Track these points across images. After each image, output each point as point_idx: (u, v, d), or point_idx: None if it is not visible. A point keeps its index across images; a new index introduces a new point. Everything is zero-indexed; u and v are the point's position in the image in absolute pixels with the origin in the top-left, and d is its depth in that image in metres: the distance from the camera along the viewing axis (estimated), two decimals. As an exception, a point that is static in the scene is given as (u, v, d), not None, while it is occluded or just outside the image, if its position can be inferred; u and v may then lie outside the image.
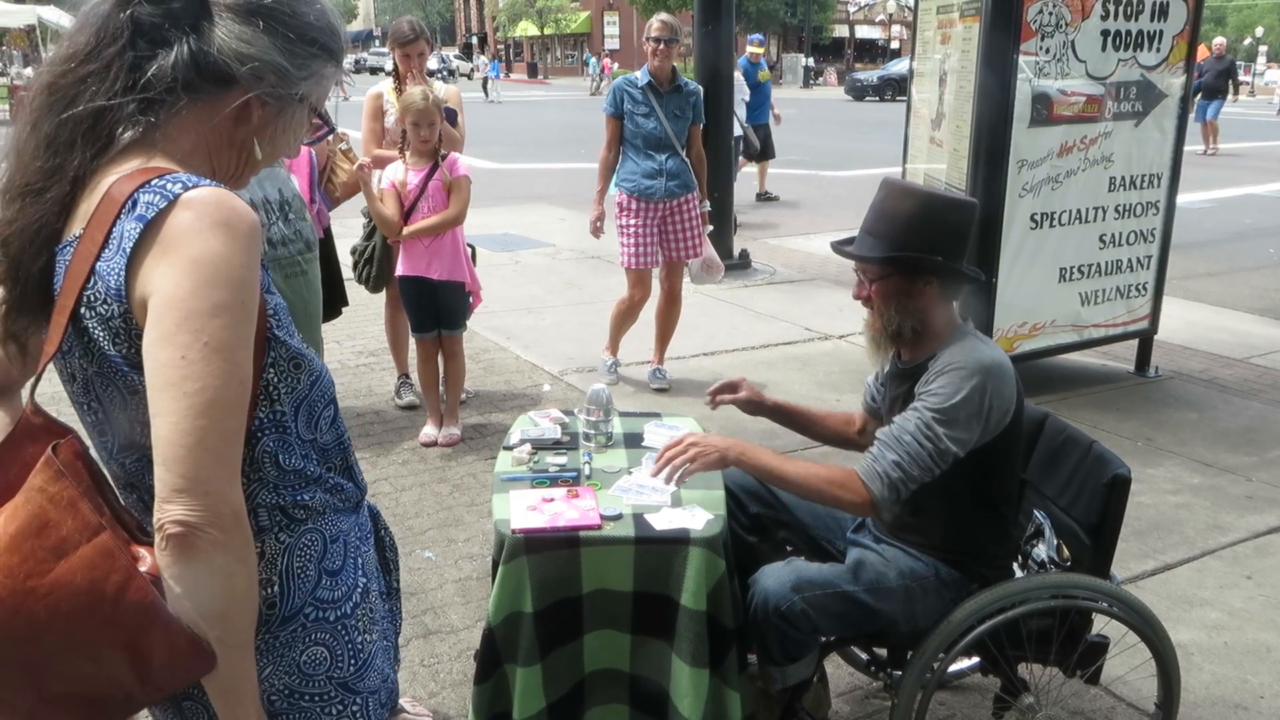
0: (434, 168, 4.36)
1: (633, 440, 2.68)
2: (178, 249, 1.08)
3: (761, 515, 2.54)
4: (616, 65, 42.40)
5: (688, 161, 5.26)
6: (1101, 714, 2.78)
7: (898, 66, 38.06)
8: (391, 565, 1.51)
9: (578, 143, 15.88)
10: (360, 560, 1.32)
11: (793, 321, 6.85)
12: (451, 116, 4.74)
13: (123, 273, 1.09)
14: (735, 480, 2.52)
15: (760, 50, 11.60)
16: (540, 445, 2.61)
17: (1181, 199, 5.75)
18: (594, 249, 8.02)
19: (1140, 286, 5.56)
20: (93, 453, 1.22)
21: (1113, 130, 5.13)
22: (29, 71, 25.96)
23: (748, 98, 10.93)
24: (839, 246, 2.37)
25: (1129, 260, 5.46)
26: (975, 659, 2.56)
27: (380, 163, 4.59)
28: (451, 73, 40.37)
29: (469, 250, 4.71)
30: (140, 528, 1.19)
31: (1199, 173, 12.92)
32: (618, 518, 2.22)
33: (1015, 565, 2.47)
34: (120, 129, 1.15)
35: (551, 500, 2.27)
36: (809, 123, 25.27)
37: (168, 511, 1.06)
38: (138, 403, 1.14)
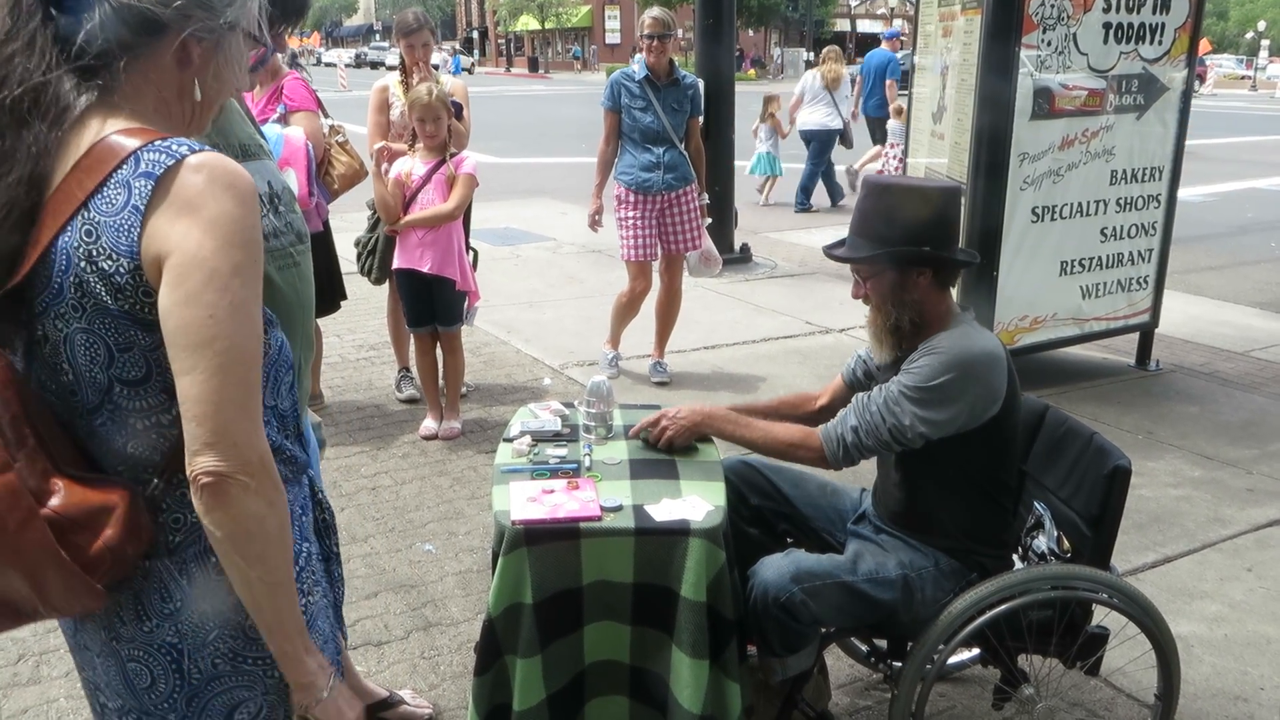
0: (440, 162, 4.36)
1: (633, 432, 2.68)
2: (195, 210, 1.10)
3: (762, 507, 2.54)
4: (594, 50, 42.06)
5: (686, 154, 5.25)
6: (1101, 705, 2.79)
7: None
8: (331, 529, 1.53)
9: (579, 137, 15.85)
10: (302, 527, 1.36)
11: (794, 315, 6.85)
12: (456, 110, 4.73)
13: (137, 229, 1.10)
14: (736, 472, 2.52)
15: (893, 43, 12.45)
16: (540, 437, 2.61)
17: (1183, 192, 5.74)
18: (595, 243, 8.01)
19: (1141, 280, 5.56)
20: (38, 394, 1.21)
21: (1114, 123, 5.13)
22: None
23: (849, 94, 11.58)
24: (830, 250, 2.41)
25: (1130, 254, 5.46)
26: (975, 650, 2.56)
27: (389, 155, 4.59)
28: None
29: (472, 253, 4.70)
30: (77, 460, 1.19)
31: (1201, 166, 12.90)
32: (618, 509, 2.22)
33: (1015, 556, 2.47)
34: (72, 97, 1.14)
35: (552, 492, 2.27)
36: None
37: (199, 463, 1.11)
38: (128, 360, 1.16)
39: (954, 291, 2.41)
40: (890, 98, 11.51)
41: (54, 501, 1.12)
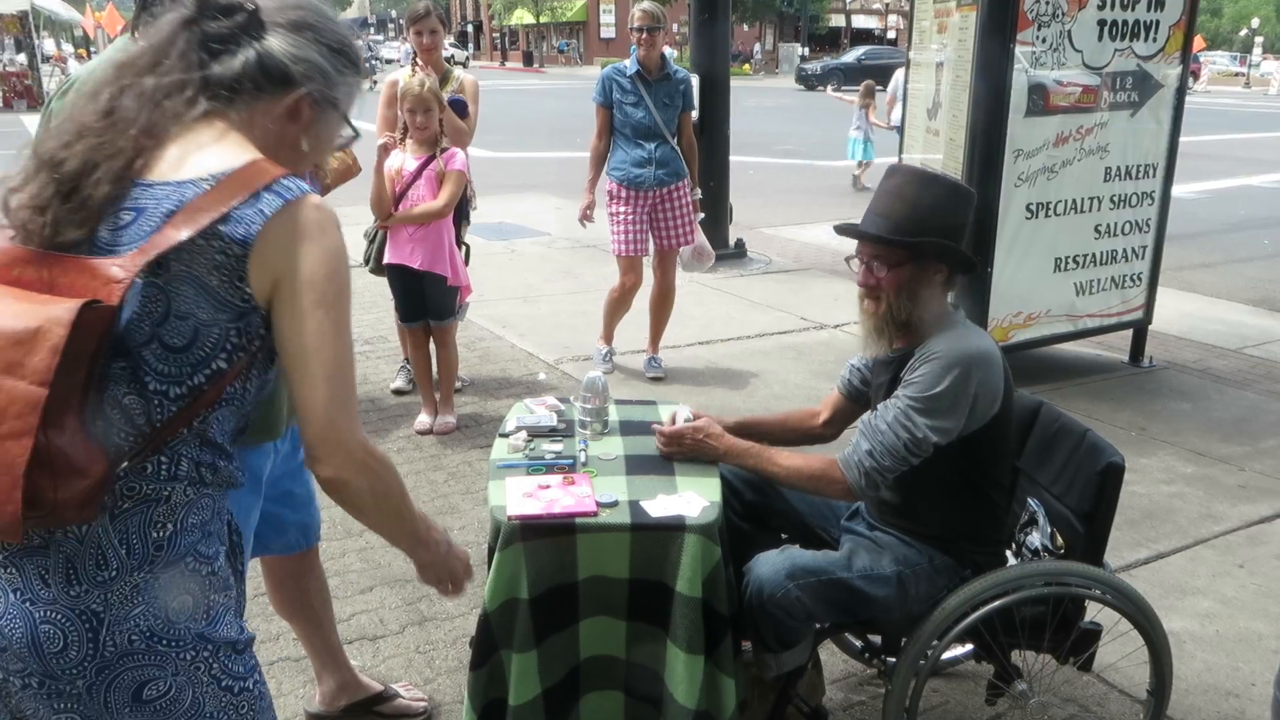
0: (431, 157, 4.35)
1: (628, 428, 2.68)
2: (312, 239, 1.32)
3: (756, 503, 2.55)
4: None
5: (678, 150, 5.25)
6: (1094, 701, 2.80)
7: (847, 56, 38.40)
8: (239, 549, 1.59)
9: (573, 131, 15.84)
10: (220, 536, 1.45)
11: (788, 311, 6.86)
12: (461, 108, 4.71)
13: (257, 227, 1.29)
14: (730, 469, 2.52)
15: None
16: (536, 432, 2.61)
17: (1177, 189, 5.76)
18: (589, 238, 8.00)
19: (1135, 277, 5.57)
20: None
21: (1108, 120, 5.14)
22: (21, 58, 25.85)
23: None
24: (850, 228, 2.31)
25: (1124, 250, 5.47)
26: (969, 646, 2.57)
27: (389, 150, 4.58)
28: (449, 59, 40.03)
29: (464, 249, 4.70)
30: (93, 414, 1.26)
31: (1194, 163, 12.92)
32: (614, 505, 2.22)
33: (1009, 553, 2.48)
34: (192, 103, 1.34)
35: (547, 487, 2.28)
36: (803, 113, 25.24)
37: (320, 470, 1.37)
38: (179, 326, 1.29)
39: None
40: None
41: (55, 437, 1.19)
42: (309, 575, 2.53)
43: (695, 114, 5.55)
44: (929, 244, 2.20)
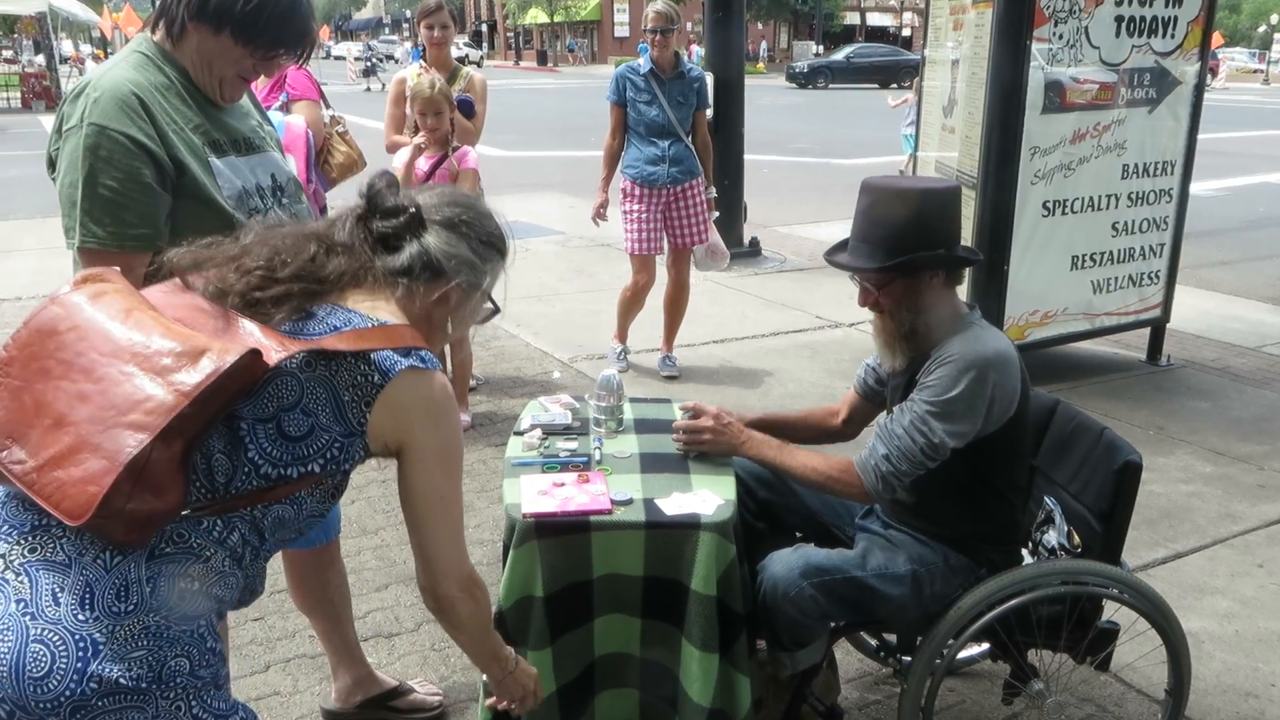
0: (444, 156, 4.36)
1: (643, 426, 2.68)
2: (437, 417, 1.53)
3: (770, 502, 2.54)
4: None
5: (692, 148, 5.24)
6: (1111, 700, 2.78)
7: (837, 55, 38.54)
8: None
9: (587, 130, 15.84)
10: (213, 625, 1.46)
11: (803, 309, 6.85)
12: (468, 107, 4.72)
13: (399, 370, 1.47)
14: (744, 467, 2.52)
15: None
16: (551, 430, 2.62)
17: (1195, 187, 5.72)
18: (603, 237, 8.01)
19: (1153, 275, 5.53)
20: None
21: (1126, 117, 5.10)
22: (39, 59, 26.04)
23: None
24: (833, 258, 2.34)
25: (1141, 248, 5.43)
26: (985, 645, 2.56)
27: (395, 149, 4.59)
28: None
29: None
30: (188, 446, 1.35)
31: (1213, 161, 12.83)
32: (628, 503, 2.22)
33: (1025, 552, 2.47)
34: (368, 277, 1.56)
35: (562, 485, 2.28)
36: (817, 110, 25.17)
37: (437, 602, 1.65)
38: (300, 420, 1.41)
39: (962, 288, 2.38)
40: None
41: (160, 452, 1.25)
42: (329, 569, 2.55)
43: (710, 112, 5.54)
44: (906, 262, 2.19)
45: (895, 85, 33.55)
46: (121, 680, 1.26)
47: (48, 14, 24.33)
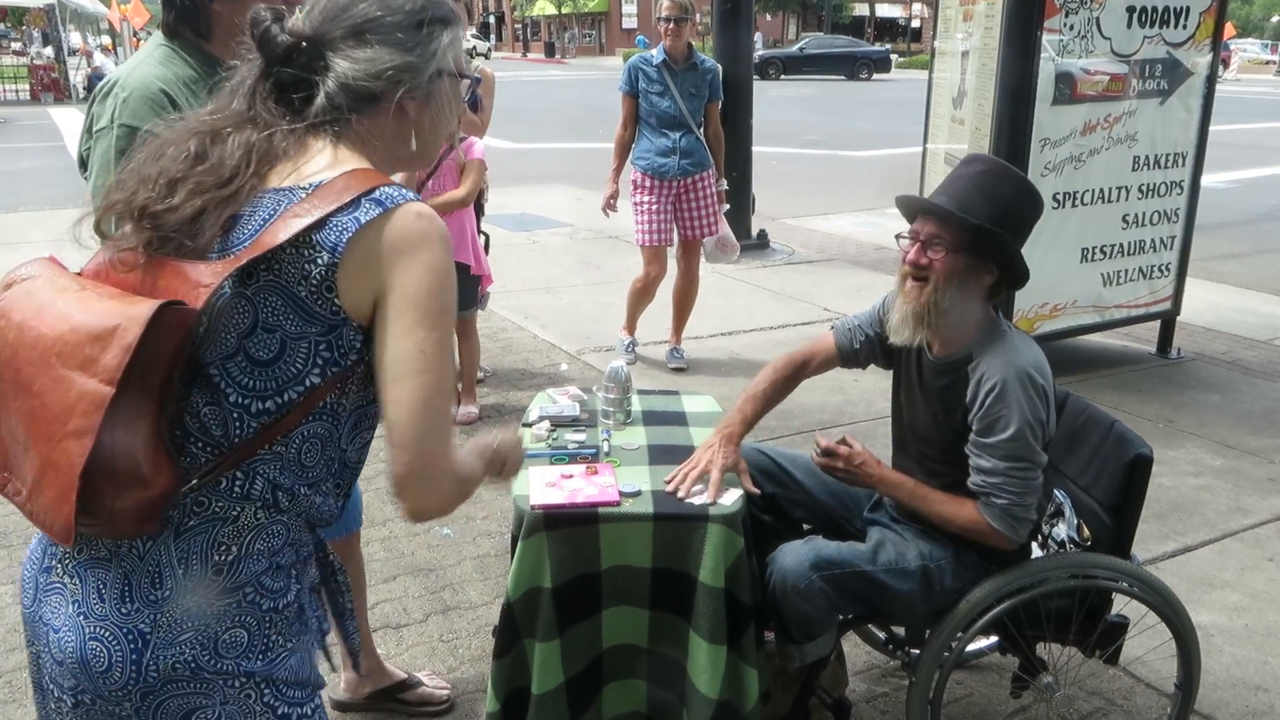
0: (449, 148, 4.36)
1: (651, 418, 2.68)
2: (415, 253, 1.24)
3: (777, 494, 2.53)
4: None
5: (703, 140, 5.23)
6: (1120, 694, 2.78)
7: (791, 48, 38.40)
8: (342, 589, 1.50)
9: (596, 122, 15.83)
10: (299, 573, 1.36)
11: (811, 302, 6.83)
12: (474, 101, 4.71)
13: (349, 233, 1.22)
14: (751, 460, 2.51)
15: None
16: (559, 422, 2.62)
17: (1206, 179, 5.68)
18: (611, 229, 8.00)
19: (1163, 267, 5.51)
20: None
21: (1137, 109, 5.07)
22: (48, 50, 26.09)
23: None
24: (917, 200, 2.22)
25: (1152, 240, 5.41)
26: (994, 638, 2.56)
27: None
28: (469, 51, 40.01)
29: (483, 238, 4.71)
30: (170, 424, 1.23)
31: (1224, 153, 12.76)
32: (636, 494, 2.22)
33: (1035, 545, 2.46)
34: (300, 138, 1.30)
35: (570, 477, 2.28)
36: (826, 102, 25.10)
37: (405, 496, 1.26)
38: (266, 339, 1.23)
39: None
40: None
41: (124, 442, 1.16)
42: (349, 561, 2.55)
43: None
44: (997, 235, 2.12)
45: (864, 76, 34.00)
46: (176, 666, 1.24)
47: (56, 6, 24.39)
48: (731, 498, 2.24)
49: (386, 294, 1.23)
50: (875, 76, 35.87)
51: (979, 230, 2.12)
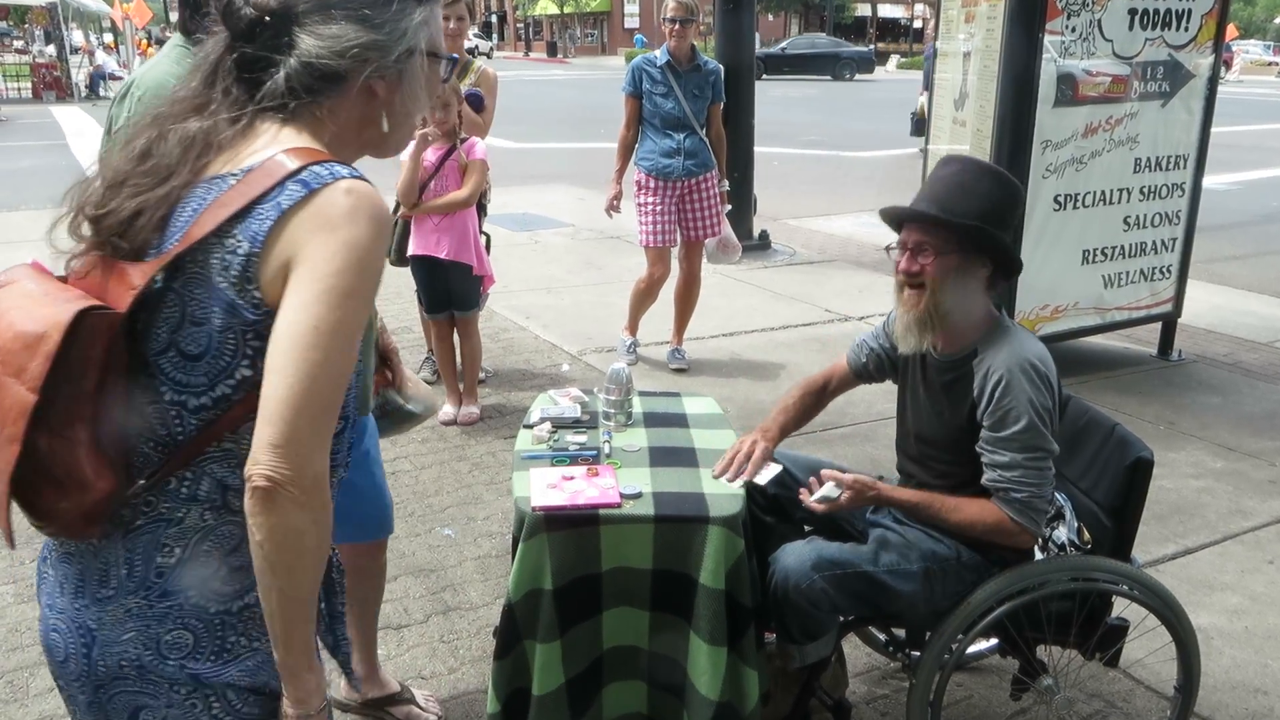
0: (452, 149, 4.36)
1: (652, 420, 2.68)
2: (334, 229, 1.16)
3: (779, 496, 2.54)
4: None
5: (706, 141, 5.23)
6: (1120, 696, 2.78)
7: (774, 48, 38.09)
8: (336, 588, 1.45)
9: (597, 122, 15.83)
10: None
11: (812, 303, 6.83)
12: (477, 102, 4.71)
13: (270, 222, 1.17)
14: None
15: None
16: (560, 424, 2.62)
17: (1208, 181, 5.68)
18: (613, 229, 8.00)
19: (1164, 269, 5.51)
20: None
21: (1139, 111, 5.07)
22: (50, 49, 26.10)
23: None
24: (899, 210, 2.23)
25: (1153, 242, 5.41)
26: (994, 640, 2.56)
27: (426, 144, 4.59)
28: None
29: (484, 238, 4.71)
30: (107, 431, 1.20)
31: (1226, 154, 12.75)
32: (637, 496, 2.22)
33: (1035, 547, 2.46)
34: (249, 126, 1.25)
35: (571, 478, 2.28)
36: (828, 103, 25.09)
37: (257, 466, 1.13)
38: (194, 334, 1.19)
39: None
40: None
41: (59, 447, 1.15)
42: (369, 568, 2.55)
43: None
44: (983, 231, 2.14)
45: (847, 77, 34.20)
46: (122, 663, 1.25)
47: (58, 4, 24.40)
48: (767, 475, 2.30)
49: (294, 268, 1.16)
50: (858, 77, 35.89)
51: (963, 228, 2.13)
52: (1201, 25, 5.10)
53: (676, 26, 5.05)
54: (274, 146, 1.23)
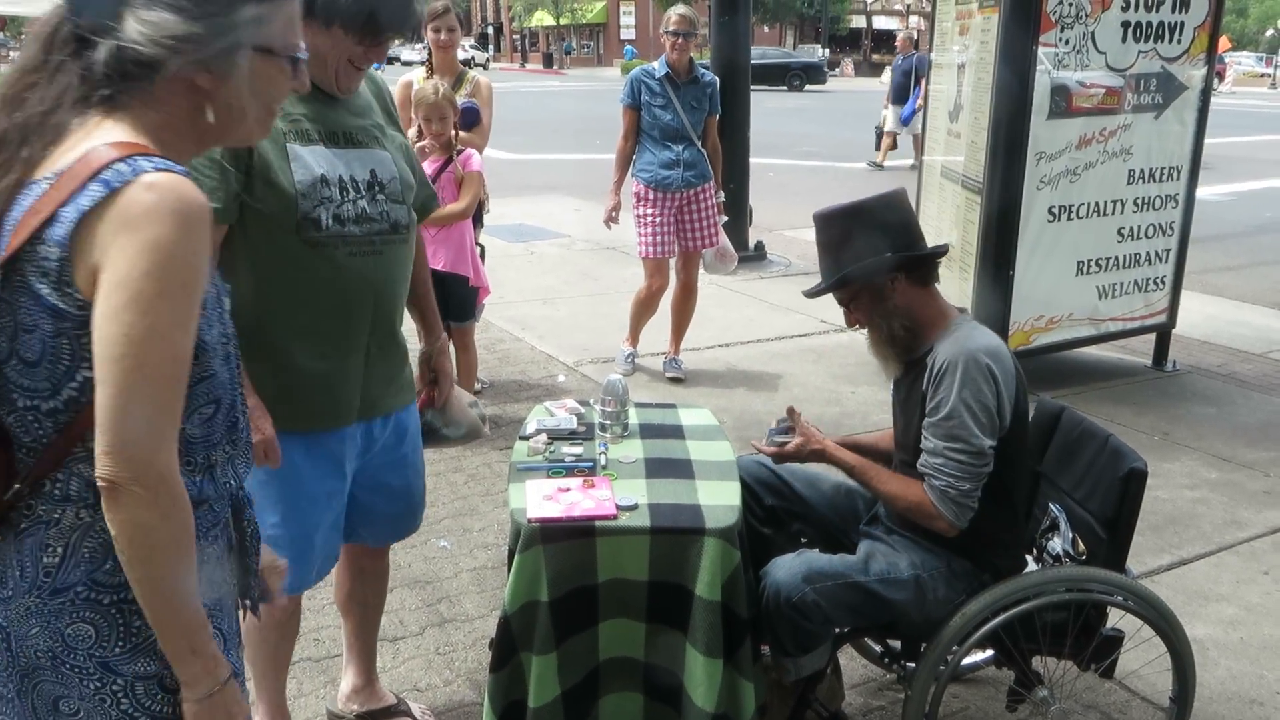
0: (448, 161, 4.37)
1: (648, 431, 2.69)
2: (135, 230, 1.16)
3: (776, 507, 2.55)
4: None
5: (704, 152, 5.26)
6: (1116, 708, 2.78)
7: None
8: (250, 550, 1.47)
9: (593, 133, 15.87)
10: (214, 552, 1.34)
11: (808, 313, 6.84)
12: (473, 114, 4.72)
13: (73, 224, 1.17)
14: (750, 473, 2.53)
15: None
16: (556, 435, 2.62)
17: (1201, 192, 5.71)
18: (609, 240, 8.02)
19: (1158, 280, 5.53)
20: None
21: (1132, 122, 5.10)
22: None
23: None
24: (807, 293, 2.49)
25: (1147, 254, 5.43)
26: (989, 652, 2.56)
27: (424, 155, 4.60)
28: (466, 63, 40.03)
29: (479, 249, 4.72)
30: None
31: (1220, 166, 12.81)
32: (633, 508, 2.23)
33: (1030, 558, 2.47)
34: (80, 112, 1.23)
35: (567, 490, 2.28)
36: (823, 114, 25.17)
37: (99, 468, 1.18)
38: (29, 340, 1.21)
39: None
40: None
41: None
42: (373, 569, 2.57)
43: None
44: (837, 281, 2.33)
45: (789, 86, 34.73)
46: (38, 655, 1.28)
47: (56, 16, 24.37)
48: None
49: (101, 273, 1.16)
50: (808, 87, 36.05)
51: (847, 279, 2.32)
52: (1194, 38, 5.13)
53: (679, 40, 5.08)
54: (88, 142, 1.21)
